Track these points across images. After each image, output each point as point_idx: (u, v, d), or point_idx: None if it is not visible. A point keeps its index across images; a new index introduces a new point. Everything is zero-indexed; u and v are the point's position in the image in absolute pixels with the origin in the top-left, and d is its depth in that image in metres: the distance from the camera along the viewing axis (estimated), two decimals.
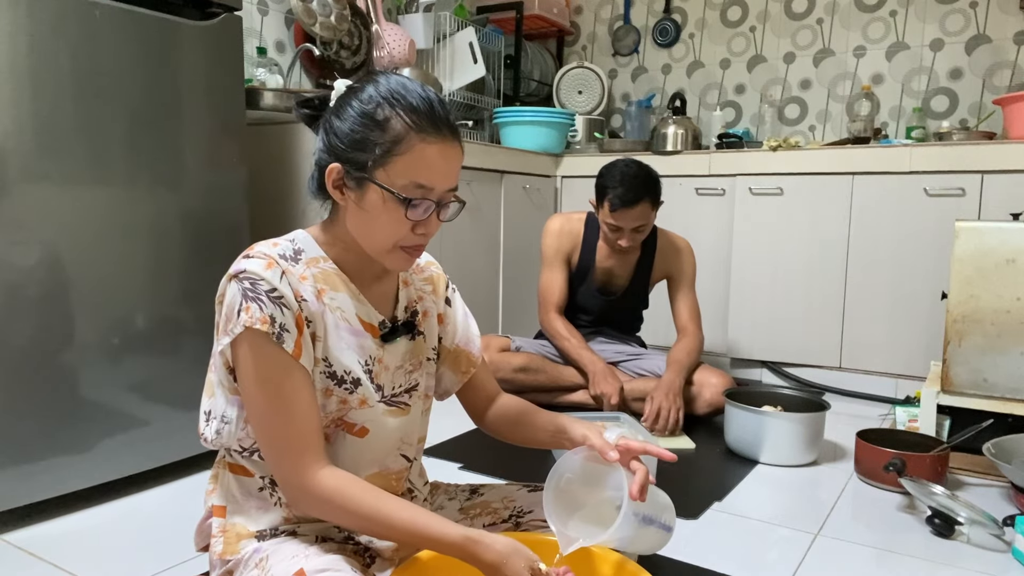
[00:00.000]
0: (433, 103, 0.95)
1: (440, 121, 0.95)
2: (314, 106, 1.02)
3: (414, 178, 0.94)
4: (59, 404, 1.59)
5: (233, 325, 0.91)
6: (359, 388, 1.00)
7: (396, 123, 0.93)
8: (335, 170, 0.97)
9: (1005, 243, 1.94)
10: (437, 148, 0.94)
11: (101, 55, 1.60)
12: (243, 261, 0.94)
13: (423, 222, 0.96)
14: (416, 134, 0.93)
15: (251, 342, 0.91)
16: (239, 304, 0.91)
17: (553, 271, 2.48)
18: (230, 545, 1.01)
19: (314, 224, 1.08)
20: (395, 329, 1.06)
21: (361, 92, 0.96)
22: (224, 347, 0.94)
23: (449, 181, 0.97)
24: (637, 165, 2.30)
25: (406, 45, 2.94)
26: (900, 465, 1.74)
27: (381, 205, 0.95)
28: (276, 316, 0.91)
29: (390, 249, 0.98)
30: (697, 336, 2.41)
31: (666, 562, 1.44)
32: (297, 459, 0.91)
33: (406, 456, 1.10)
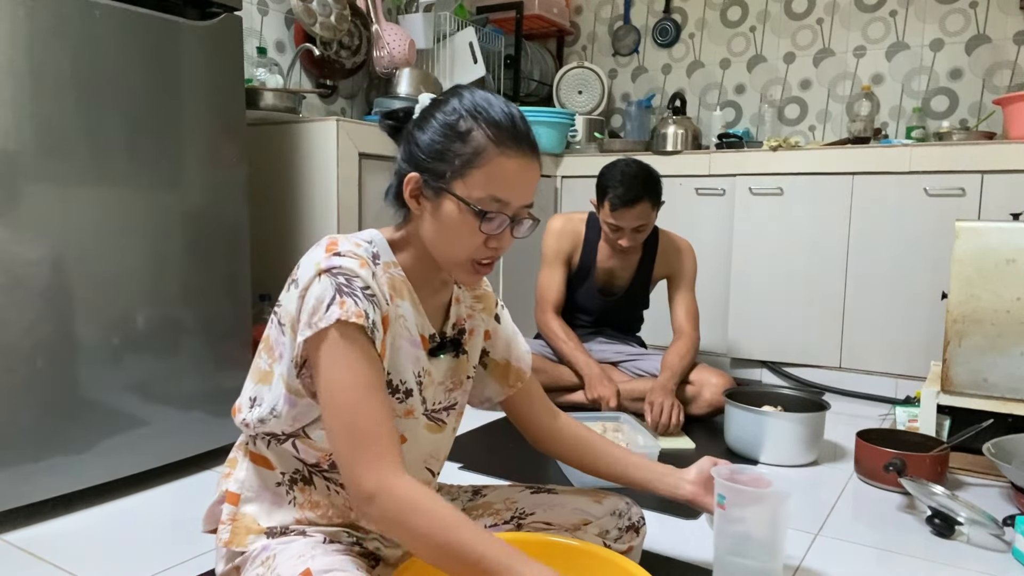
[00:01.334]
0: (515, 119, 0.96)
1: (521, 136, 0.96)
2: (398, 118, 1.03)
3: (491, 191, 0.94)
4: (59, 404, 1.59)
5: (319, 319, 0.89)
6: (409, 399, 1.00)
7: (477, 135, 0.94)
8: (413, 179, 0.97)
9: (1005, 243, 1.94)
10: (516, 163, 0.95)
11: (101, 55, 1.60)
12: (335, 258, 0.92)
13: (496, 236, 0.97)
14: (496, 147, 0.94)
15: (344, 335, 0.89)
16: (331, 298, 0.89)
17: (552, 271, 2.48)
18: (238, 536, 1.01)
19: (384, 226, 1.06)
20: (443, 344, 1.06)
21: (444, 104, 0.97)
22: (303, 340, 0.91)
23: (525, 197, 0.98)
24: (638, 165, 2.30)
25: (406, 45, 2.94)
26: (900, 465, 1.74)
27: (457, 217, 0.95)
28: (370, 313, 0.90)
29: (462, 262, 0.98)
30: (692, 337, 2.41)
31: (666, 562, 1.44)
32: (380, 458, 0.87)
33: (431, 470, 1.11)
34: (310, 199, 2.30)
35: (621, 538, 1.19)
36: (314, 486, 1.02)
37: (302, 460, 1.01)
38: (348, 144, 2.27)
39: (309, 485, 1.02)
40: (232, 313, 1.91)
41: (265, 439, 1.02)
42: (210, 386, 1.87)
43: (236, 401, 1.05)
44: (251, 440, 1.04)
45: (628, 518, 1.21)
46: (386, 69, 2.95)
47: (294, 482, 1.02)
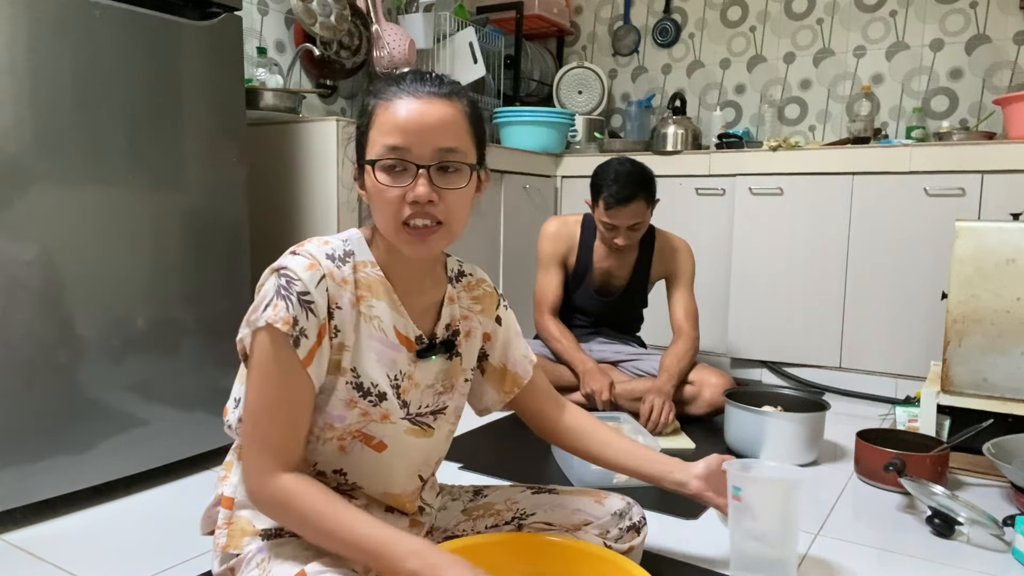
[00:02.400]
0: (409, 73, 0.96)
1: (410, 80, 0.94)
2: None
3: (384, 141, 0.92)
4: (59, 404, 1.59)
5: (256, 317, 0.93)
6: (383, 402, 0.99)
7: (371, 99, 0.96)
8: (352, 169, 0.99)
9: (1005, 243, 1.94)
10: (403, 103, 0.92)
11: (101, 55, 1.60)
12: (287, 257, 0.95)
13: (410, 189, 0.91)
14: (381, 100, 0.94)
15: (269, 337, 0.91)
16: (269, 300, 0.92)
17: (548, 274, 2.48)
18: (234, 539, 1.01)
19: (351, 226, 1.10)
20: (432, 346, 1.04)
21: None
22: (244, 335, 0.95)
23: (429, 138, 0.91)
24: (631, 163, 2.30)
25: (406, 45, 2.94)
26: (900, 465, 1.74)
27: (371, 182, 0.94)
28: (300, 319, 0.91)
29: (396, 229, 0.94)
30: (691, 337, 2.41)
31: (666, 562, 1.44)
32: (268, 459, 0.92)
33: (421, 476, 1.09)
34: (310, 199, 2.30)
35: (622, 538, 1.19)
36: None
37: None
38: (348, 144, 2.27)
39: None
40: (232, 313, 1.90)
41: None
42: (210, 386, 1.87)
43: (226, 404, 1.05)
44: None
45: (629, 518, 1.21)
46: (386, 69, 2.94)
47: None
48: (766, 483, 1.28)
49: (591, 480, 1.76)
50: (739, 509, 1.28)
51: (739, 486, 1.26)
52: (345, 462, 1.00)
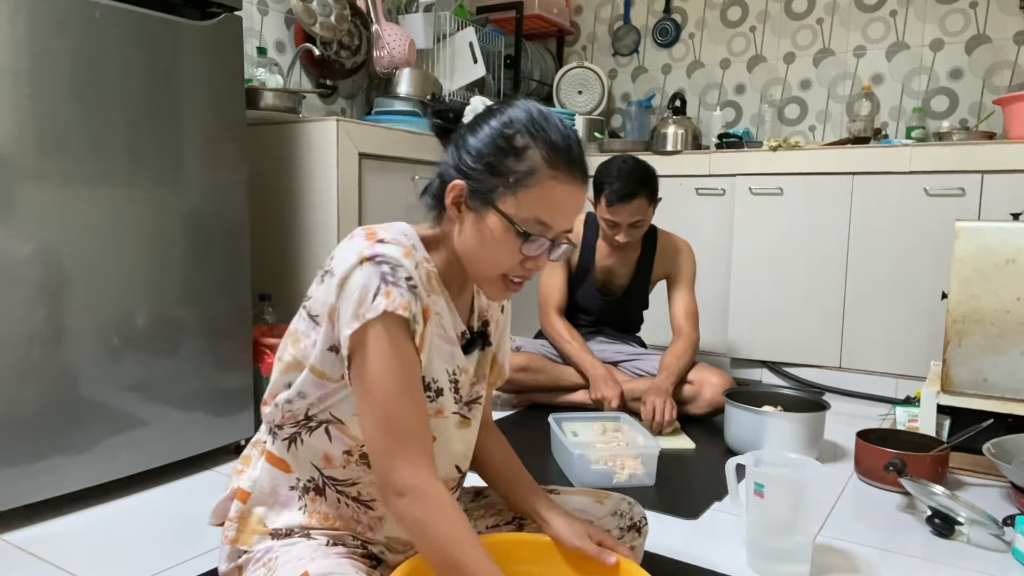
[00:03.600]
0: (572, 142, 0.95)
1: (575, 162, 0.95)
2: (448, 118, 1.01)
3: (538, 214, 0.93)
4: (59, 404, 1.59)
5: (366, 310, 0.87)
6: (440, 398, 0.99)
7: (533, 154, 0.92)
8: (458, 187, 0.95)
9: (1005, 243, 1.94)
10: (567, 189, 0.94)
11: (101, 55, 1.60)
12: (378, 246, 0.90)
13: (534, 258, 0.96)
14: (550, 170, 0.92)
15: (387, 327, 0.88)
16: (376, 288, 0.87)
17: (552, 273, 2.48)
18: (243, 534, 1.00)
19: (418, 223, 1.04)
20: (473, 340, 1.06)
21: (502, 114, 0.95)
22: (350, 333, 0.88)
23: (569, 223, 0.97)
24: (633, 161, 2.31)
25: (406, 45, 2.94)
26: (900, 465, 1.74)
27: (499, 233, 0.93)
28: (412, 305, 0.89)
29: (494, 277, 0.97)
30: (691, 337, 2.41)
31: (666, 562, 1.44)
32: (418, 456, 0.88)
33: (459, 467, 1.09)
34: (310, 199, 2.30)
35: (623, 538, 1.19)
36: (325, 498, 1.01)
37: (319, 469, 1.00)
38: (348, 144, 2.27)
39: (320, 496, 1.01)
40: (232, 313, 1.91)
41: (286, 440, 1.01)
42: (210, 386, 1.87)
43: (265, 395, 1.05)
44: (270, 439, 1.03)
45: (630, 518, 1.21)
46: (386, 69, 2.95)
47: (307, 490, 1.01)
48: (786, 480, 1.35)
49: (591, 480, 1.76)
50: (757, 503, 1.36)
51: (762, 483, 1.34)
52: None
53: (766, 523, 1.39)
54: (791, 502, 1.35)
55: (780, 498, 1.35)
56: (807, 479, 1.37)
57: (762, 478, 1.36)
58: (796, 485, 1.36)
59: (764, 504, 1.37)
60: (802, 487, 1.35)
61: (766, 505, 1.37)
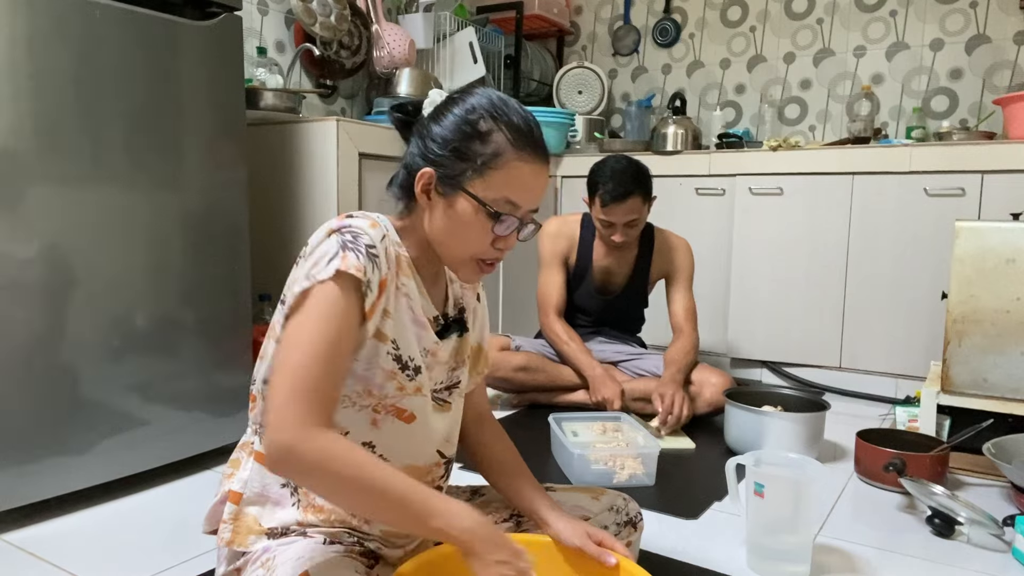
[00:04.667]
0: (531, 124, 0.99)
1: (537, 142, 0.99)
2: (407, 112, 1.04)
3: (506, 194, 0.96)
4: (59, 404, 1.59)
5: (318, 271, 0.88)
6: (419, 375, 1.01)
7: (498, 137, 0.96)
8: (427, 175, 0.97)
9: (1005, 243, 1.94)
10: (531, 168, 0.98)
11: (101, 55, 1.60)
12: (345, 219, 0.94)
13: (504, 238, 0.99)
14: (515, 150, 0.96)
15: (337, 286, 0.88)
16: (334, 252, 0.89)
17: (551, 274, 2.48)
18: (239, 535, 1.00)
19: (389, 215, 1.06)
20: (448, 326, 1.08)
21: (463, 102, 0.99)
22: (299, 290, 0.88)
23: (535, 202, 1.01)
24: (626, 160, 2.31)
25: (406, 45, 2.94)
26: (900, 465, 1.74)
27: (470, 215, 0.97)
28: (368, 270, 0.90)
29: (467, 260, 1.00)
30: (692, 336, 2.41)
31: (666, 562, 1.44)
32: (315, 409, 0.84)
33: (442, 453, 1.11)
34: (310, 199, 2.30)
35: (619, 534, 1.19)
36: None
37: None
38: (348, 144, 2.27)
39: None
40: (232, 313, 1.91)
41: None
42: (210, 386, 1.87)
43: (251, 389, 1.05)
44: (257, 439, 1.04)
45: (626, 514, 1.22)
46: (386, 69, 2.95)
47: (299, 485, 1.01)
48: (786, 481, 1.36)
49: (591, 480, 1.76)
50: (757, 503, 1.37)
51: (762, 483, 1.35)
52: (375, 435, 1.00)
53: (766, 523, 1.39)
54: (791, 502, 1.36)
55: (780, 498, 1.36)
56: (807, 479, 1.37)
57: (762, 478, 1.36)
58: (796, 485, 1.36)
59: (764, 504, 1.37)
60: (802, 487, 1.36)
61: (766, 505, 1.37)
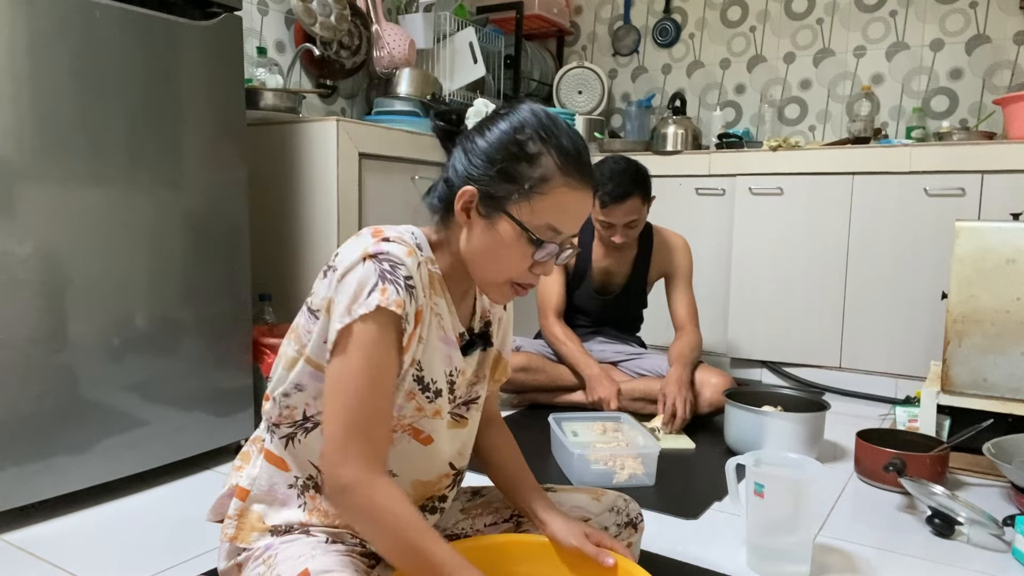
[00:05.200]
0: (581, 149, 0.95)
1: (585, 169, 0.95)
2: (451, 120, 1.01)
3: (550, 220, 0.93)
4: (59, 404, 1.59)
5: (359, 305, 0.87)
6: (438, 399, 1.00)
7: (546, 161, 0.92)
8: (469, 193, 0.94)
9: (1005, 243, 1.94)
10: (578, 196, 0.95)
11: (101, 55, 1.60)
12: (382, 243, 0.91)
13: (542, 264, 0.96)
14: (563, 177, 0.93)
15: (378, 322, 0.87)
16: (373, 284, 0.87)
17: (550, 276, 2.48)
18: (243, 532, 1.01)
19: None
20: (473, 341, 1.06)
21: (511, 117, 0.95)
22: (341, 327, 0.88)
23: (577, 228, 0.98)
24: (625, 161, 2.31)
25: (406, 45, 2.94)
26: (900, 465, 1.74)
27: (511, 239, 0.94)
28: (407, 304, 0.89)
29: (502, 283, 0.97)
30: (695, 334, 2.42)
31: (666, 562, 1.44)
32: (371, 452, 0.86)
33: (453, 465, 1.10)
34: (310, 199, 2.30)
35: (620, 534, 1.19)
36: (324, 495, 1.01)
37: (316, 467, 1.00)
38: (348, 144, 2.27)
39: (320, 493, 1.01)
40: (232, 313, 1.91)
41: (283, 438, 1.01)
42: (210, 386, 1.87)
43: (266, 391, 1.05)
44: (269, 437, 1.03)
45: (626, 515, 1.22)
46: (386, 69, 2.95)
47: (306, 488, 1.01)
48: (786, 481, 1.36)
49: (591, 480, 1.76)
50: (757, 504, 1.37)
51: (762, 483, 1.35)
52: (390, 453, 0.99)
53: (766, 523, 1.39)
54: (791, 502, 1.36)
55: (780, 498, 1.36)
56: (807, 479, 1.37)
57: (762, 478, 1.37)
58: (796, 485, 1.36)
59: (764, 504, 1.37)
60: (802, 487, 1.36)
61: (766, 505, 1.37)
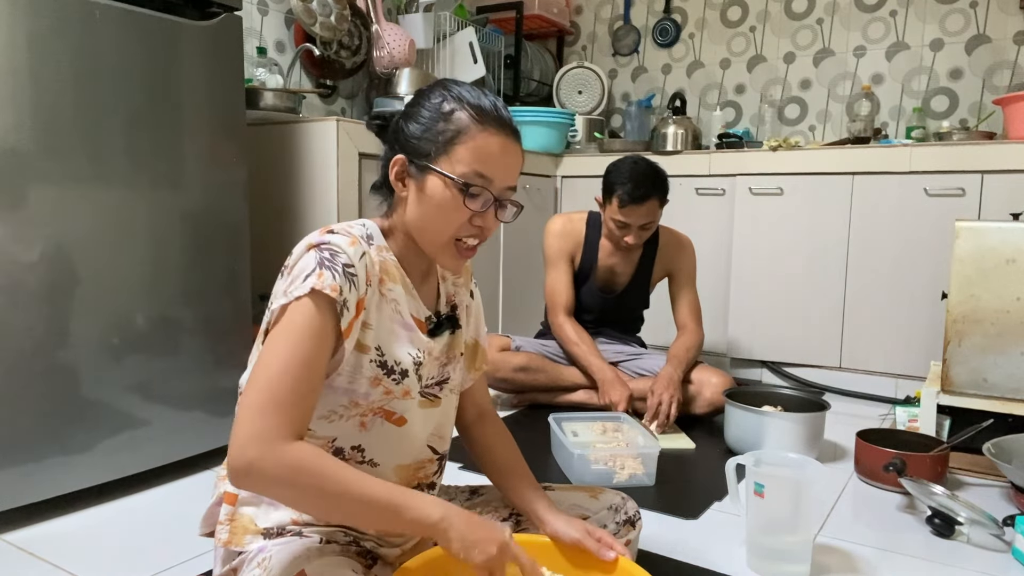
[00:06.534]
0: (497, 105, 1.00)
1: (503, 120, 0.99)
2: (385, 118, 1.06)
3: (475, 167, 0.96)
4: (59, 404, 1.59)
5: (296, 288, 0.89)
6: (405, 379, 1.01)
7: (461, 115, 0.97)
8: (399, 161, 0.99)
9: (1005, 243, 1.94)
10: (498, 141, 0.98)
11: (101, 55, 1.60)
12: (326, 235, 0.95)
13: (481, 215, 0.98)
14: (479, 125, 0.97)
15: (312, 303, 0.89)
16: (311, 269, 0.90)
17: (558, 272, 2.48)
18: (236, 536, 1.01)
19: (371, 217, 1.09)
20: (440, 324, 1.08)
21: (430, 93, 1.00)
22: (276, 307, 0.90)
23: (508, 178, 1.00)
24: (646, 162, 2.30)
25: (406, 45, 2.94)
26: (900, 465, 1.74)
27: (441, 192, 0.97)
28: (344, 290, 0.91)
29: (446, 242, 0.99)
30: (697, 333, 2.42)
31: (666, 562, 1.44)
32: (283, 422, 0.84)
33: (433, 448, 1.11)
34: (310, 199, 2.30)
35: (618, 532, 1.19)
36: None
37: None
38: (348, 144, 2.27)
39: None
40: (232, 313, 1.91)
41: None
42: (210, 386, 1.87)
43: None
44: None
45: (624, 512, 1.22)
46: (386, 69, 2.95)
47: None
48: (786, 481, 1.37)
49: (591, 480, 1.76)
50: (757, 503, 1.37)
51: (762, 483, 1.35)
52: (364, 438, 1.01)
53: (766, 523, 1.39)
54: (791, 502, 1.36)
55: (780, 498, 1.36)
56: (807, 479, 1.37)
57: (762, 478, 1.36)
58: (796, 485, 1.36)
59: (764, 504, 1.37)
60: (802, 487, 1.36)
61: (766, 505, 1.37)
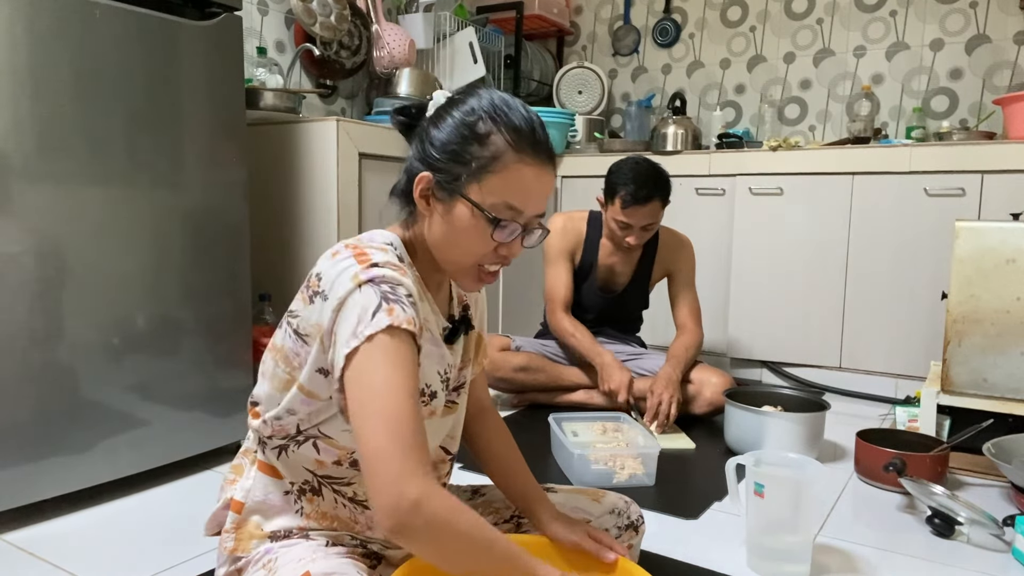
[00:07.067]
0: (535, 125, 0.94)
1: (540, 144, 0.94)
2: (410, 114, 1.00)
3: (507, 198, 0.92)
4: (59, 404, 1.59)
5: (365, 327, 0.83)
6: (434, 400, 0.99)
7: (496, 139, 0.92)
8: (425, 179, 0.94)
9: (1005, 243, 1.94)
10: (533, 171, 0.93)
11: (101, 55, 1.60)
12: (373, 269, 0.87)
13: (507, 244, 0.95)
14: (515, 153, 0.92)
15: (393, 340, 0.83)
16: (376, 306, 0.84)
17: (558, 269, 2.48)
18: (242, 542, 1.00)
19: (385, 225, 1.04)
20: (455, 329, 1.05)
21: (463, 103, 0.94)
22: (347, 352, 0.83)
23: (539, 207, 0.96)
24: (648, 163, 2.30)
25: (406, 45, 2.94)
26: (900, 465, 1.74)
27: (468, 221, 0.93)
28: (415, 320, 0.87)
29: (468, 267, 0.96)
30: (696, 333, 2.42)
31: (666, 562, 1.44)
32: (423, 466, 0.81)
33: (446, 449, 1.10)
34: (310, 199, 2.30)
35: (620, 536, 1.19)
36: (323, 497, 1.01)
37: (312, 471, 1.00)
38: (348, 144, 2.27)
39: (318, 496, 1.01)
40: (232, 313, 1.91)
41: (276, 449, 1.00)
42: (210, 386, 1.87)
43: (251, 401, 1.04)
44: (260, 448, 1.03)
45: (627, 516, 1.21)
46: (386, 69, 2.95)
47: (303, 492, 1.01)
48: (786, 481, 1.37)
49: (591, 480, 1.76)
50: (757, 503, 1.38)
51: (762, 483, 1.35)
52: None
53: (766, 523, 1.39)
54: (791, 502, 1.36)
55: (780, 498, 1.36)
56: (807, 479, 1.37)
57: (762, 478, 1.37)
58: (796, 485, 1.36)
59: (764, 504, 1.37)
60: (802, 487, 1.36)
61: (766, 505, 1.37)
